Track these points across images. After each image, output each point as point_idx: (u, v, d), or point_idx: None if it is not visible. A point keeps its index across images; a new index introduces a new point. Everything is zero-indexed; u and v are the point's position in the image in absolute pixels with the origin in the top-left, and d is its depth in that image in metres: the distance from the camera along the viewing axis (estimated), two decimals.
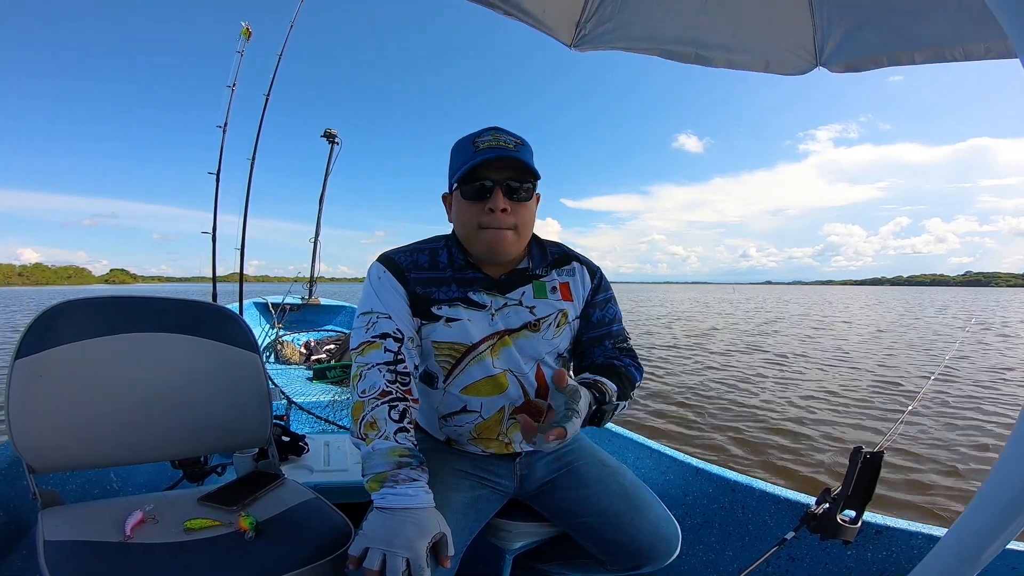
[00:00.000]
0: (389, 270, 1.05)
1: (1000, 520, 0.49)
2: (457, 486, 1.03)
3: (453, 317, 1.04)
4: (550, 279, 1.11)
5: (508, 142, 1.00)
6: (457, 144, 1.05)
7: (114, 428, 1.10)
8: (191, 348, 1.22)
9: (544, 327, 1.08)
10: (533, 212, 1.06)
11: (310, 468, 1.59)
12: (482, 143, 0.99)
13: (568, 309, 1.11)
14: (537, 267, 1.11)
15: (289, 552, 0.93)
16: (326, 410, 2.59)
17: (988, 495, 0.51)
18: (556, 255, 1.15)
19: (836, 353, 9.81)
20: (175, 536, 0.96)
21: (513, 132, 1.03)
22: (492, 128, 1.02)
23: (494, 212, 0.99)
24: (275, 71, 3.96)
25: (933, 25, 1.28)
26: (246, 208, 3.83)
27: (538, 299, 1.09)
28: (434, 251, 1.09)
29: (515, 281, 1.09)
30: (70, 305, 1.10)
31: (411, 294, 1.05)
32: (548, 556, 1.24)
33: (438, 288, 1.05)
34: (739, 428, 4.61)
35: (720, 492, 1.47)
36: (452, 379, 1.07)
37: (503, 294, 1.07)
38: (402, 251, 1.09)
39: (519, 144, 1.01)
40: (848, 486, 1.16)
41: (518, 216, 1.01)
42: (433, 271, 1.07)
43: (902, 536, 1.17)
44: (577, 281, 1.14)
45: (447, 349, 1.06)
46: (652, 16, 1.52)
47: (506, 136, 1.01)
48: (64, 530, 0.91)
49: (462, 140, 1.04)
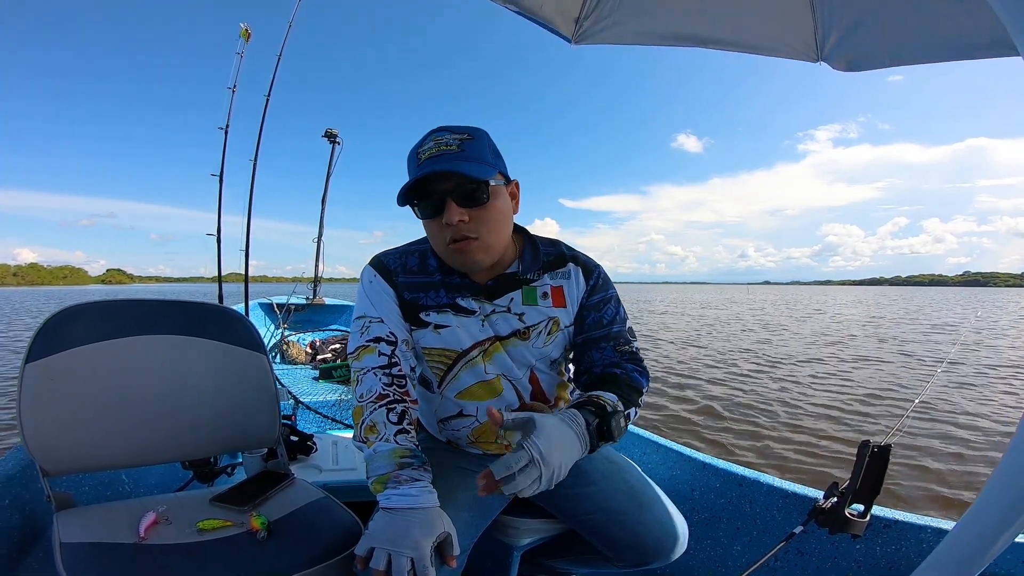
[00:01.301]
0: (379, 273, 1.05)
1: (1009, 512, 0.49)
2: (463, 484, 1.03)
3: (442, 324, 1.03)
4: (541, 284, 1.05)
5: (451, 143, 0.91)
6: (408, 156, 0.97)
7: (125, 430, 1.11)
8: (199, 350, 1.23)
9: (534, 335, 1.04)
10: (502, 211, 0.97)
11: (319, 467, 1.60)
12: (424, 153, 0.92)
13: (560, 316, 1.05)
14: (528, 271, 1.05)
15: (301, 551, 0.93)
16: (333, 409, 2.60)
17: (996, 487, 0.51)
18: (551, 257, 1.08)
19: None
20: (189, 537, 0.97)
21: (458, 127, 0.94)
22: (434, 131, 0.94)
23: (451, 225, 0.92)
24: (275, 72, 3.95)
25: (936, 23, 1.27)
26: (249, 210, 3.83)
27: (527, 305, 1.04)
28: (423, 253, 1.07)
29: (503, 287, 1.04)
30: (79, 309, 1.12)
31: (399, 298, 1.04)
32: (556, 552, 1.25)
33: (425, 293, 1.04)
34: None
35: (727, 487, 1.47)
36: (446, 384, 1.07)
37: (490, 300, 1.03)
38: (392, 253, 1.08)
39: (464, 140, 0.92)
40: (856, 480, 1.16)
41: (482, 222, 0.94)
42: (422, 275, 1.05)
43: (911, 530, 1.17)
44: (572, 284, 1.06)
45: (438, 356, 1.05)
46: (653, 10, 1.51)
47: (448, 136, 0.92)
48: (79, 532, 0.92)
49: (411, 151, 0.96)
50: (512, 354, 1.05)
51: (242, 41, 3.86)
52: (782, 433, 4.37)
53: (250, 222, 3.84)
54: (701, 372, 7.38)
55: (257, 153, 3.85)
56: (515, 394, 1.08)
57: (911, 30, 1.32)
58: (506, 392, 1.07)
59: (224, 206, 3.83)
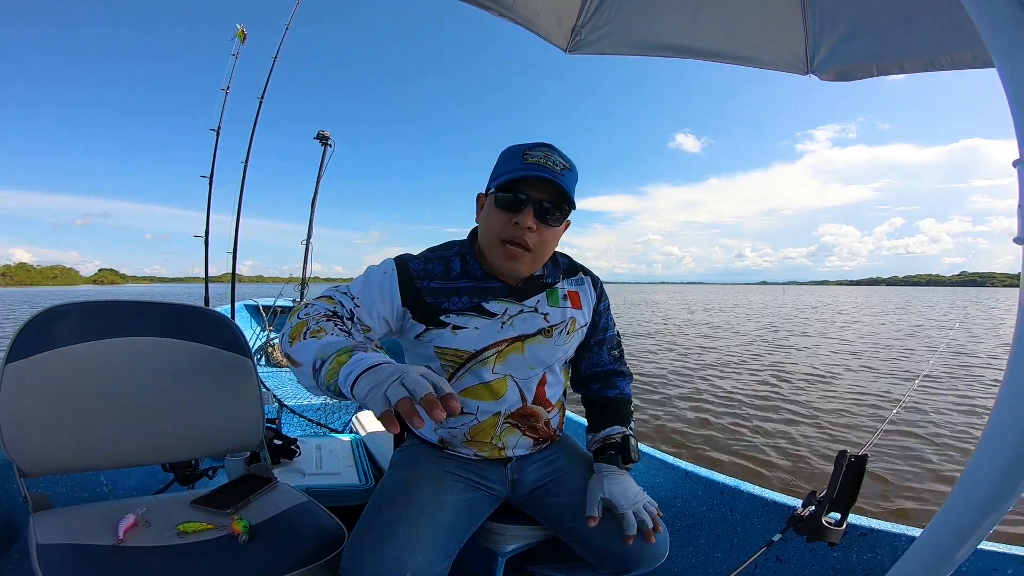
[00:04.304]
0: (399, 272, 1.05)
1: (973, 521, 0.51)
2: (450, 488, 1.03)
3: (460, 325, 1.05)
4: (561, 287, 1.16)
5: (556, 163, 1.01)
6: (507, 150, 1.07)
7: (105, 431, 1.10)
8: (183, 352, 1.22)
9: (556, 334, 1.12)
10: (557, 238, 1.09)
11: (302, 471, 1.59)
12: (531, 157, 1.01)
13: (577, 316, 1.16)
14: (550, 276, 1.16)
15: (283, 555, 0.93)
16: (318, 413, 2.58)
17: (960, 497, 0.52)
18: (566, 265, 1.21)
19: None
20: (168, 539, 0.96)
21: (564, 154, 1.04)
22: (545, 145, 1.04)
23: (519, 227, 1.00)
24: (269, 74, 3.93)
25: (922, 34, 1.31)
26: (239, 212, 3.80)
27: (551, 307, 1.13)
28: (447, 260, 1.10)
29: (531, 289, 1.12)
30: (62, 309, 1.10)
31: (419, 301, 1.05)
32: (541, 559, 1.25)
33: (449, 298, 1.06)
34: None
35: (708, 495, 1.48)
36: (452, 383, 1.08)
37: (520, 301, 1.10)
38: (418, 258, 1.10)
39: (566, 168, 1.03)
40: (833, 489, 1.19)
41: (542, 237, 1.04)
42: (446, 281, 1.08)
43: (886, 538, 1.19)
44: (586, 291, 1.20)
45: (451, 355, 1.07)
46: (646, 22, 1.54)
47: (556, 157, 1.02)
48: (56, 533, 0.91)
49: (512, 148, 1.05)
50: (535, 352, 1.10)
51: (237, 42, 3.83)
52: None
53: (239, 224, 3.80)
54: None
55: (248, 155, 3.82)
56: (518, 395, 1.10)
57: (898, 42, 1.36)
58: (509, 393, 1.09)
59: (217, 206, 3.79)
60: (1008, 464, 0.48)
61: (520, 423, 1.12)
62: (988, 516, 0.48)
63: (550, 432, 1.18)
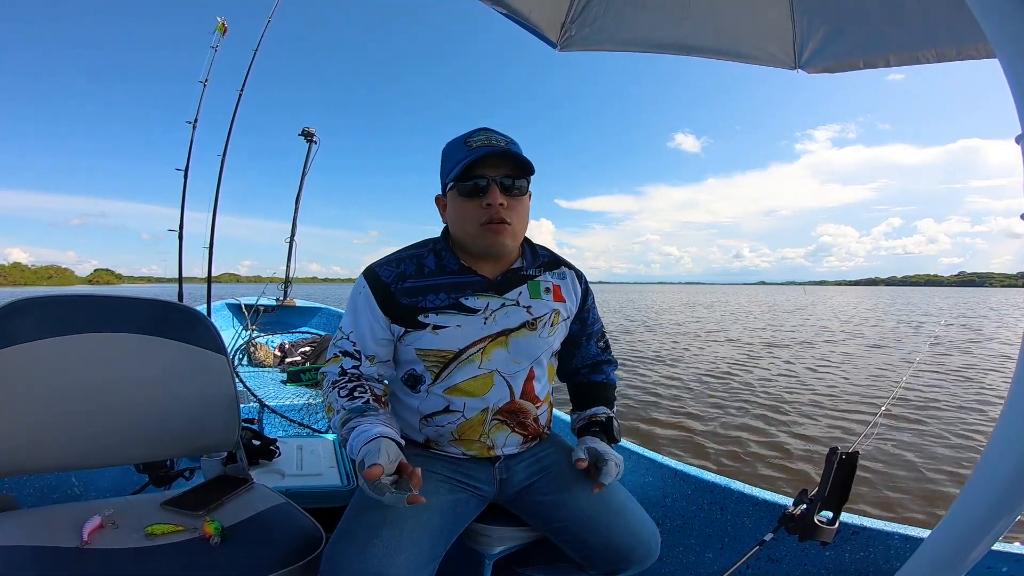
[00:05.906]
0: (370, 286, 1.07)
1: (985, 521, 0.48)
2: (436, 489, 1.01)
3: (441, 325, 1.05)
4: (543, 280, 1.16)
5: (500, 141, 1.04)
6: (448, 145, 1.09)
7: (73, 431, 1.05)
8: (155, 349, 1.17)
9: (540, 326, 1.11)
10: (528, 207, 1.11)
11: (281, 472, 1.55)
12: (475, 142, 1.03)
13: (560, 309, 1.15)
14: (530, 267, 1.16)
15: (257, 558, 0.90)
16: (300, 413, 2.52)
17: (971, 495, 0.50)
18: (546, 258, 1.21)
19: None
20: (136, 542, 0.91)
21: (502, 132, 1.07)
22: (483, 129, 1.06)
23: (492, 207, 1.02)
24: (249, 66, 3.87)
25: (908, 28, 1.33)
26: (215, 208, 3.74)
27: (534, 299, 1.12)
28: (419, 258, 1.11)
29: (512, 282, 1.12)
30: (25, 303, 1.05)
31: (395, 306, 1.05)
32: (528, 560, 1.23)
33: (425, 296, 1.06)
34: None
35: (699, 494, 1.46)
36: (438, 382, 1.07)
37: (501, 295, 1.09)
38: (387, 263, 1.10)
39: (509, 142, 1.05)
40: (825, 487, 1.17)
41: (514, 211, 1.05)
42: (419, 279, 1.07)
43: (879, 536, 1.18)
44: (568, 285, 1.19)
45: (433, 356, 1.06)
46: (636, 19, 1.54)
47: (497, 136, 1.05)
48: (19, 535, 0.87)
49: (453, 141, 1.08)
50: (520, 346, 1.09)
51: (218, 35, 3.78)
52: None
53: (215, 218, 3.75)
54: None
55: (226, 149, 3.77)
56: (506, 390, 1.08)
57: (883, 36, 1.37)
58: (496, 388, 1.07)
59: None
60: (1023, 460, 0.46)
61: (509, 419, 1.09)
62: (1003, 516, 0.46)
63: (539, 429, 1.15)
